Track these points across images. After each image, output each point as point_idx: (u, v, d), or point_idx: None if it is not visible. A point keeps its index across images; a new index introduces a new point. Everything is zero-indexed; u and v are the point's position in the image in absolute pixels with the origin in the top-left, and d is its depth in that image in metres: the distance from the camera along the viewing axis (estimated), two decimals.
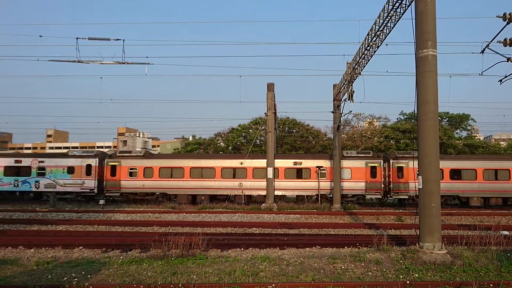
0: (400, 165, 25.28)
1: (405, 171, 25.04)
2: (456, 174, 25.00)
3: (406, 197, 25.28)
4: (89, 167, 26.44)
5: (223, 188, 25.76)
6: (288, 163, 26.06)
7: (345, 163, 25.33)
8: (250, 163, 25.97)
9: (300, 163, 25.92)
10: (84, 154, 27.53)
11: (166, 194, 26.32)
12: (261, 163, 25.65)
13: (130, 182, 26.20)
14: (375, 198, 26.16)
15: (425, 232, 9.62)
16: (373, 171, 25.34)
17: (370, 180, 25.26)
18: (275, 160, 25.11)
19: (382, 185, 25.30)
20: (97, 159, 26.64)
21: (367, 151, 27.68)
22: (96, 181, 26.31)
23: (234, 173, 25.93)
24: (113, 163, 26.52)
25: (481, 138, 63.89)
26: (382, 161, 25.76)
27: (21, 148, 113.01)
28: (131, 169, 26.31)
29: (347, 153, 26.41)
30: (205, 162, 26.35)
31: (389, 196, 25.86)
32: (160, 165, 26.31)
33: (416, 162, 10.29)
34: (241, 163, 25.93)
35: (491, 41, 12.34)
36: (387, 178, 25.53)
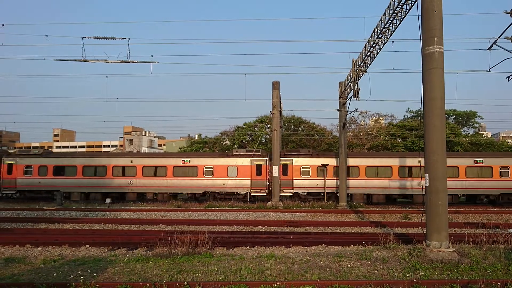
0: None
1: None
2: None
3: None
4: None
5: None
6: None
7: None
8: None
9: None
10: None
11: None
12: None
13: None
14: None
15: (432, 230, 9.54)
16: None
17: None
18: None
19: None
20: None
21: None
22: None
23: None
24: None
25: (489, 136, 63.27)
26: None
27: (29, 147, 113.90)
28: None
29: None
30: None
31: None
32: None
33: None
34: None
35: (499, 37, 12.23)
36: None
